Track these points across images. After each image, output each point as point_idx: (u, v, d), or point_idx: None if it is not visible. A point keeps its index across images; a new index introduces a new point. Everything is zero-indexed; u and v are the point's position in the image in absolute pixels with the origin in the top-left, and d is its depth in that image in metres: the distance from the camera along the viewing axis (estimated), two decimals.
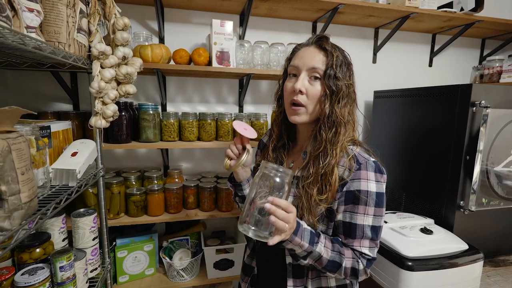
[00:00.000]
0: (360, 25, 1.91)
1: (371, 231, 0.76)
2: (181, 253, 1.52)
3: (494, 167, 1.41)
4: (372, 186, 0.75)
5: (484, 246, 1.36)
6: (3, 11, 0.60)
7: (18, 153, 0.61)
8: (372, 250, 0.78)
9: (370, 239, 0.77)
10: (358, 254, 0.77)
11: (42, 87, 1.49)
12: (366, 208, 0.75)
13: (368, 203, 0.75)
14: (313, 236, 0.75)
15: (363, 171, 0.76)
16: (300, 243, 0.72)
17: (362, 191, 0.75)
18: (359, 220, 0.76)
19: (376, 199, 0.75)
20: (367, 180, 0.75)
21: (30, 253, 0.91)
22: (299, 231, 0.72)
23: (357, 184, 0.76)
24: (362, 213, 0.76)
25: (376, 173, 0.77)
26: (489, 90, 1.33)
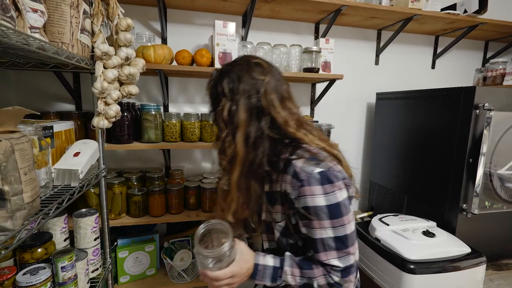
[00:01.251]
0: (363, 27, 1.91)
1: (335, 242, 0.73)
2: (182, 254, 1.51)
3: (497, 170, 1.40)
4: (319, 201, 0.71)
5: (487, 249, 1.36)
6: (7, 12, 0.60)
7: (21, 153, 0.61)
8: (343, 259, 0.74)
9: (336, 249, 0.73)
10: (329, 268, 0.75)
11: (45, 87, 1.50)
12: (321, 223, 0.72)
13: (321, 217, 0.71)
14: (276, 270, 0.77)
15: (306, 188, 0.71)
16: (261, 283, 0.77)
17: (310, 208, 0.72)
18: (317, 235, 0.73)
19: (329, 212, 0.71)
20: (312, 196, 0.71)
21: (32, 253, 0.91)
22: (257, 275, 0.77)
23: (303, 201, 0.73)
24: (318, 227, 0.73)
25: (324, 185, 0.71)
26: (492, 92, 1.32)
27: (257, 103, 0.76)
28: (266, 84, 0.76)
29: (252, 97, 0.76)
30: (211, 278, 0.74)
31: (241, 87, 0.76)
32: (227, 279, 0.74)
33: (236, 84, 0.77)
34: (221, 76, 0.80)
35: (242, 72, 0.77)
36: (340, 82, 1.71)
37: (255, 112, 0.76)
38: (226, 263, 0.75)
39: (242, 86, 0.76)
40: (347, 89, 1.96)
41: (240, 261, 0.76)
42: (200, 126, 1.48)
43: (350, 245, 0.74)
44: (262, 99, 0.76)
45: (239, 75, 0.77)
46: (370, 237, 1.36)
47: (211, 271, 0.74)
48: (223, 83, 0.78)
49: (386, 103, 1.87)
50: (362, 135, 2.09)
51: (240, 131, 0.75)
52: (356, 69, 1.97)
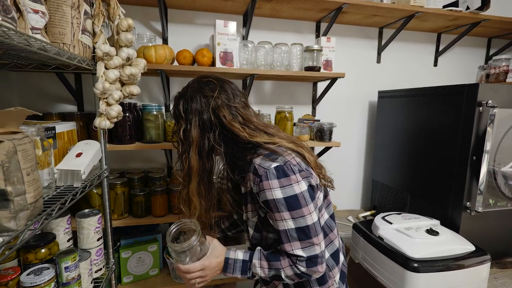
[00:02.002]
0: (364, 25, 1.90)
1: (297, 233, 0.78)
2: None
3: (501, 167, 1.39)
4: (277, 194, 0.77)
5: (491, 247, 1.35)
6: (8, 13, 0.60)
7: (23, 153, 0.61)
8: (307, 250, 0.79)
9: (299, 240, 0.78)
10: (294, 259, 0.80)
11: (47, 88, 1.50)
12: (281, 215, 0.78)
13: (280, 209, 0.77)
14: (245, 263, 0.84)
15: (264, 182, 0.77)
16: (232, 276, 0.84)
17: (269, 201, 0.78)
18: (280, 226, 0.79)
19: (287, 204, 0.77)
20: (270, 189, 0.77)
21: (36, 253, 0.91)
22: (228, 268, 0.84)
23: (263, 195, 0.79)
24: (279, 219, 0.78)
25: (280, 179, 0.77)
26: (496, 89, 1.31)
27: (209, 118, 0.84)
28: (216, 98, 0.84)
29: (203, 114, 0.84)
30: (182, 271, 0.82)
31: (193, 106, 0.84)
32: (198, 272, 0.82)
33: (189, 104, 0.85)
34: (178, 99, 0.89)
35: (193, 92, 0.86)
36: (341, 81, 1.71)
37: (208, 127, 0.85)
38: (197, 258, 0.82)
39: (194, 105, 0.84)
40: (348, 87, 1.95)
41: (210, 256, 0.83)
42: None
43: (313, 236, 0.79)
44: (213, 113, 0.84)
45: (191, 95, 0.86)
46: (373, 236, 1.35)
47: (183, 265, 0.82)
48: (179, 106, 0.87)
49: (388, 101, 1.86)
50: (364, 133, 2.08)
51: (193, 146, 0.84)
52: (357, 68, 1.96)
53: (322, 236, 0.82)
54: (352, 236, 1.48)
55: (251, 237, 0.92)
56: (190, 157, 0.85)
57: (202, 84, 0.87)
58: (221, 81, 0.90)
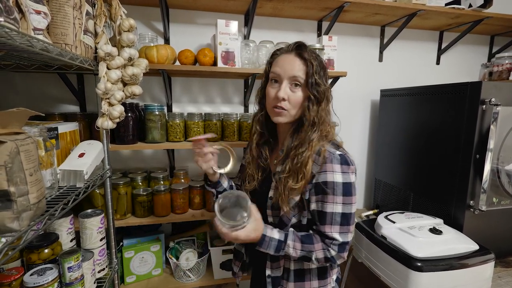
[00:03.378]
0: (366, 23, 1.89)
1: (341, 218, 0.84)
2: (188, 254, 1.52)
3: (505, 166, 1.38)
4: (337, 177, 0.83)
5: (495, 246, 1.34)
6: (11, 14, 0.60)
7: (26, 154, 0.62)
8: (343, 235, 0.84)
9: (340, 224, 0.84)
10: (329, 242, 0.84)
11: (49, 89, 1.51)
12: (334, 197, 0.83)
13: (336, 192, 0.83)
14: (281, 243, 0.85)
15: (328, 164, 0.84)
16: (265, 251, 0.86)
17: (329, 183, 0.83)
18: (328, 209, 0.84)
19: (343, 189, 0.83)
20: (333, 172, 0.83)
21: (39, 253, 0.91)
22: (263, 244, 0.85)
23: (323, 176, 0.84)
24: (331, 202, 0.83)
25: (342, 165, 0.84)
26: (499, 87, 1.30)
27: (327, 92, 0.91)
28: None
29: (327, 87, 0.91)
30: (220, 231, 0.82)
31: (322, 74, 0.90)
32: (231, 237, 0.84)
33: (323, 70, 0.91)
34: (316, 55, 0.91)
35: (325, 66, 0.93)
36: (343, 79, 1.70)
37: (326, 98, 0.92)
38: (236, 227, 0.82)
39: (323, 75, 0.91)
40: (351, 86, 1.95)
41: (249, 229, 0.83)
42: (204, 125, 1.47)
43: (352, 224, 0.86)
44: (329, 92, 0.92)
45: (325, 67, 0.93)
46: (376, 235, 1.35)
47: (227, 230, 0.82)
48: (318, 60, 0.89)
49: (390, 100, 1.85)
50: (366, 132, 2.07)
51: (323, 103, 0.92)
52: (359, 66, 1.96)
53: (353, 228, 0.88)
54: (355, 235, 1.47)
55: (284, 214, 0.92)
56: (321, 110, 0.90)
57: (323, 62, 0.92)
58: None
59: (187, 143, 1.44)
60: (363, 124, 2.06)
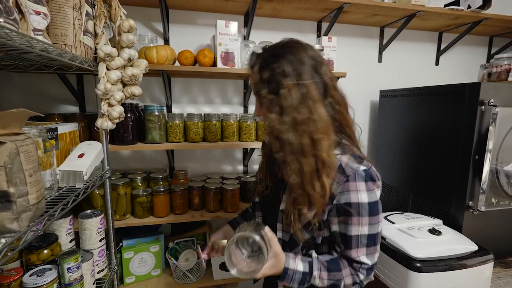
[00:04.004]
0: (366, 24, 1.90)
1: (367, 239, 0.75)
2: (187, 254, 1.51)
3: (504, 166, 1.38)
4: (363, 197, 0.73)
5: (494, 246, 1.34)
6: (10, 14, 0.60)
7: (26, 155, 0.61)
8: (371, 257, 0.77)
9: (367, 246, 0.76)
10: (358, 266, 0.76)
11: (49, 89, 1.51)
12: (360, 219, 0.74)
13: (361, 213, 0.74)
14: (305, 276, 0.76)
15: (351, 183, 0.73)
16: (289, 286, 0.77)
17: (353, 204, 0.73)
18: (354, 231, 0.75)
19: (369, 209, 0.74)
20: (357, 191, 0.73)
21: (38, 254, 0.91)
22: (286, 278, 0.76)
23: (346, 196, 0.74)
24: (357, 224, 0.74)
25: (367, 182, 0.74)
26: (498, 88, 1.31)
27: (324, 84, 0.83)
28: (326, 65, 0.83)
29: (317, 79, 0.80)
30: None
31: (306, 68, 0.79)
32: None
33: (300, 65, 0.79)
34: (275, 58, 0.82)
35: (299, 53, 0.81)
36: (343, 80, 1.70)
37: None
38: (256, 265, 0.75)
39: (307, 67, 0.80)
40: (350, 87, 1.95)
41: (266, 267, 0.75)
42: (203, 126, 1.48)
43: (378, 243, 0.78)
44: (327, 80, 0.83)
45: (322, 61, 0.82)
46: None
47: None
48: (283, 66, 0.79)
49: (389, 101, 1.86)
50: (366, 133, 2.07)
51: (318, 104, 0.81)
52: (359, 67, 1.96)
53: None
54: None
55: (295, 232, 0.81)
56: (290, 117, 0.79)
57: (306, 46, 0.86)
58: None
59: (186, 144, 1.44)
60: (363, 125, 2.06)
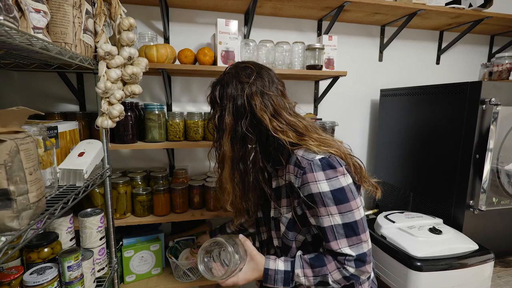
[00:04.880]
0: (366, 23, 1.89)
1: (344, 229, 0.73)
2: (187, 253, 1.51)
3: (504, 166, 1.38)
4: (323, 187, 0.72)
5: (495, 246, 1.34)
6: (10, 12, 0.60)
7: (26, 153, 0.61)
8: (356, 248, 0.73)
9: (346, 237, 0.73)
10: (342, 259, 0.74)
11: (49, 88, 1.50)
12: (327, 209, 0.73)
13: (327, 203, 0.72)
14: (288, 274, 0.77)
15: (309, 174, 0.73)
16: (274, 287, 0.78)
17: (315, 194, 0.73)
18: (325, 223, 0.74)
19: (334, 197, 0.72)
20: (316, 182, 0.73)
21: (39, 252, 0.91)
22: (268, 280, 0.78)
23: (307, 188, 0.74)
24: (326, 214, 0.73)
25: (326, 171, 0.73)
26: (499, 87, 1.30)
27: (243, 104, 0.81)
28: (251, 85, 0.81)
29: (238, 100, 0.81)
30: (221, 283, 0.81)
31: (228, 92, 0.82)
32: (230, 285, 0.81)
33: (224, 90, 0.83)
34: (215, 85, 0.87)
35: (230, 78, 0.83)
36: (343, 79, 1.70)
37: (241, 113, 0.81)
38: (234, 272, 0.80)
39: (229, 91, 0.82)
40: (350, 86, 1.94)
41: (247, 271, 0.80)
42: (204, 125, 1.47)
43: (362, 232, 0.74)
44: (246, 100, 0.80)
45: (228, 81, 0.83)
46: (376, 235, 1.35)
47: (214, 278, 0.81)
48: (215, 92, 0.85)
49: (390, 100, 1.85)
50: (366, 132, 2.07)
51: (226, 133, 0.82)
52: (359, 66, 1.95)
53: (368, 233, 0.76)
54: None
55: (282, 235, 0.85)
56: (223, 144, 0.84)
57: (239, 70, 0.84)
58: (259, 67, 0.86)
59: (186, 143, 1.44)
60: (363, 124, 2.06)
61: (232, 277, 0.78)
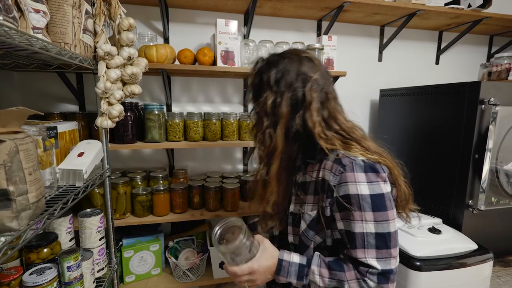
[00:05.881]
0: (366, 23, 1.89)
1: (375, 239, 0.67)
2: (187, 253, 1.52)
3: (503, 165, 1.38)
4: (363, 189, 0.67)
5: (494, 245, 1.34)
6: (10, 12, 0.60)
7: (25, 153, 0.61)
8: (383, 262, 0.67)
9: (376, 248, 0.67)
10: (364, 270, 0.68)
11: (48, 88, 1.50)
12: (362, 214, 0.67)
13: (363, 208, 0.67)
14: (303, 268, 0.72)
15: (349, 173, 0.68)
16: (286, 280, 0.73)
17: (352, 196, 0.67)
18: (357, 228, 0.68)
19: (372, 203, 0.66)
20: (356, 182, 0.67)
21: (38, 253, 0.91)
22: (282, 271, 0.73)
23: (344, 188, 0.68)
24: (359, 220, 0.67)
25: (368, 173, 0.68)
26: (498, 87, 1.31)
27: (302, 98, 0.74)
28: (316, 80, 0.74)
29: (298, 91, 0.74)
30: (229, 272, 0.76)
31: (288, 80, 0.74)
32: (246, 275, 0.74)
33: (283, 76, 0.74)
34: (269, 65, 0.77)
35: (291, 65, 0.75)
36: (343, 79, 1.70)
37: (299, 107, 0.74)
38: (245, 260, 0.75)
39: (289, 79, 0.74)
40: (350, 86, 1.95)
41: (260, 258, 0.74)
42: (203, 125, 1.47)
43: (393, 247, 0.68)
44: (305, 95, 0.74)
45: (289, 67, 0.75)
46: None
47: (230, 266, 0.76)
48: (270, 73, 0.76)
49: (390, 100, 1.86)
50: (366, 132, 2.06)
51: (281, 124, 0.74)
52: (359, 66, 1.96)
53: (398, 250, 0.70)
54: None
55: (302, 232, 0.79)
56: (277, 136, 0.74)
57: (303, 60, 0.77)
58: (321, 63, 0.81)
59: (186, 143, 1.44)
60: (363, 124, 2.01)
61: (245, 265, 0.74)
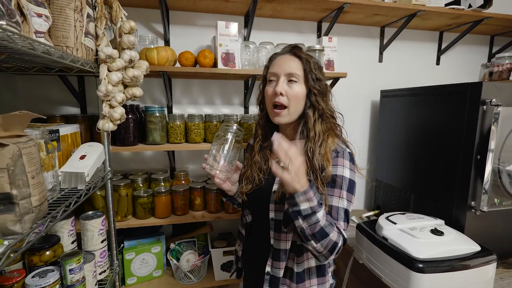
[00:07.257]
0: (366, 24, 1.89)
1: (344, 214, 0.84)
2: (188, 255, 1.52)
3: (506, 166, 1.38)
4: (346, 172, 0.86)
5: (497, 247, 1.33)
6: (12, 17, 0.61)
7: (28, 157, 0.62)
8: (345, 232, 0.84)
9: (343, 221, 0.84)
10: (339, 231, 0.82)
11: (50, 91, 1.51)
12: (341, 192, 0.84)
13: (342, 187, 0.84)
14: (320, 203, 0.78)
15: (340, 158, 0.87)
16: (312, 198, 0.73)
17: (338, 175, 0.85)
18: (334, 202, 0.84)
19: (349, 185, 0.86)
20: (343, 166, 0.86)
21: (40, 255, 0.91)
22: (313, 188, 0.75)
23: (334, 169, 0.85)
24: (338, 196, 0.84)
25: (351, 162, 0.89)
26: (499, 87, 1.30)
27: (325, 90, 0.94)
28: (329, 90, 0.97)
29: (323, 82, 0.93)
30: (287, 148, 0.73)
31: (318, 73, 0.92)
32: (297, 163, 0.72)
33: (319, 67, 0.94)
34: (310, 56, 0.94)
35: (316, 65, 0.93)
36: (344, 80, 1.70)
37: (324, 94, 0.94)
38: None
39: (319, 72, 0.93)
40: (351, 87, 1.95)
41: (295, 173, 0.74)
42: (204, 127, 1.48)
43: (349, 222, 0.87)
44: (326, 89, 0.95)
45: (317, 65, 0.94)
46: (377, 236, 1.35)
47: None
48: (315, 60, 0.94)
49: (390, 101, 1.85)
50: (367, 133, 2.07)
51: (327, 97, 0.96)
52: (360, 67, 1.96)
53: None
54: (355, 237, 1.47)
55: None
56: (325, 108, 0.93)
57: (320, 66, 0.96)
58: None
59: (187, 145, 1.44)
60: (364, 125, 2.06)
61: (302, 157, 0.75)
